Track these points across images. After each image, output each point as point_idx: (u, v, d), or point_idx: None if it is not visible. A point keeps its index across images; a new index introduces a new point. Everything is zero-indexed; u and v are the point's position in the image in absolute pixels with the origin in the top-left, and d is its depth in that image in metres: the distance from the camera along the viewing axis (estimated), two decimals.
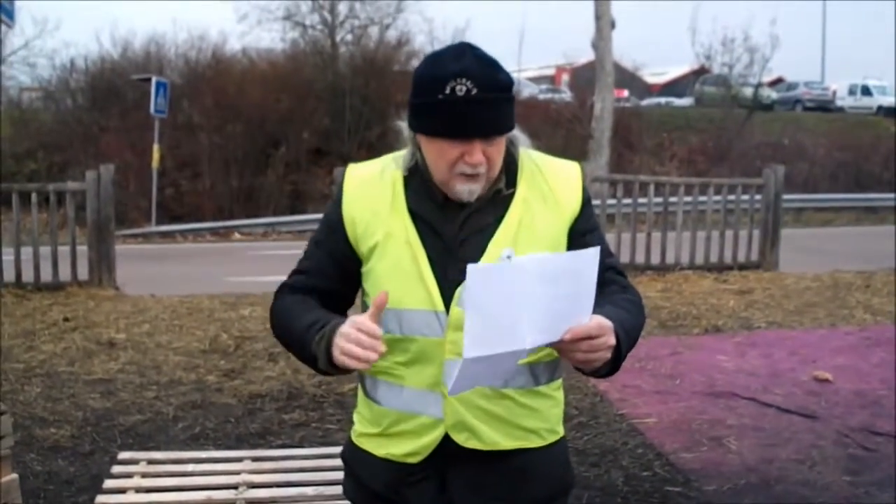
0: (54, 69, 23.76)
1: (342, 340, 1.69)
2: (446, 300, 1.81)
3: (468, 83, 1.73)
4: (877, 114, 30.69)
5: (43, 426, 5.01)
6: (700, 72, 32.19)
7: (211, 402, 5.53)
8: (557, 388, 1.97)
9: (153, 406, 5.43)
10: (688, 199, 10.67)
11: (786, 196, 11.85)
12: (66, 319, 7.69)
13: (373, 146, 20.35)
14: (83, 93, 22.81)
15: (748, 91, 27.01)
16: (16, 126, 20.58)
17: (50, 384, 5.84)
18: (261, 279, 9.55)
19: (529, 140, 1.93)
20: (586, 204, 1.92)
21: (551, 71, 40.34)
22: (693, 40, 36.52)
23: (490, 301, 1.54)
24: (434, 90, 1.74)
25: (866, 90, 33.07)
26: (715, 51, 27.69)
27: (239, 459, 3.82)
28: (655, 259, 10.29)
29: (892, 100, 31.51)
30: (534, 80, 34.38)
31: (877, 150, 24.29)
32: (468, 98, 1.72)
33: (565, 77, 36.70)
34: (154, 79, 18.55)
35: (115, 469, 3.64)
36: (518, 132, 1.89)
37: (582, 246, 1.86)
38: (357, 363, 1.67)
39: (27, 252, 8.98)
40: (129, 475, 3.55)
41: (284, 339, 1.93)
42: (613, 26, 17.40)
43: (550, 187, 1.89)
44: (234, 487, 3.47)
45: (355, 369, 1.72)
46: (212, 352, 6.71)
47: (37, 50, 25.00)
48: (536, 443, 1.91)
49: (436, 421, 1.85)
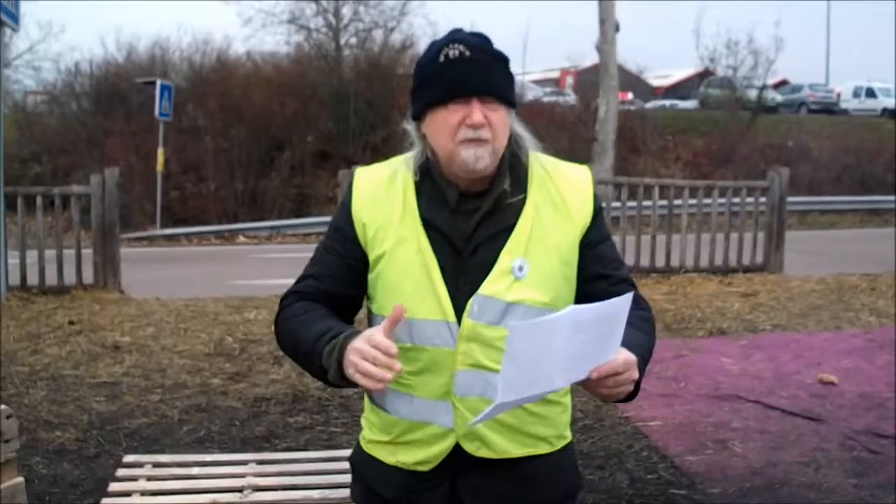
0: (59, 73, 23.93)
1: (356, 357, 1.65)
2: (458, 310, 1.80)
3: (461, 47, 1.78)
4: (881, 116, 30.65)
5: (48, 429, 5.01)
6: (704, 74, 32.17)
7: (216, 406, 5.53)
8: (566, 394, 1.96)
9: (158, 409, 5.44)
10: (692, 202, 10.67)
11: (790, 199, 11.86)
12: (71, 323, 7.70)
13: (377, 149, 20.37)
14: (88, 96, 22.89)
15: (752, 93, 26.98)
16: (21, 129, 20.63)
17: (55, 387, 5.85)
18: (265, 282, 9.56)
19: (537, 141, 1.91)
20: (598, 213, 1.90)
21: (556, 74, 40.32)
22: (697, 43, 36.63)
23: (529, 353, 1.55)
24: (430, 61, 1.80)
25: (871, 92, 33.03)
26: (719, 53, 27.75)
27: (244, 463, 3.82)
28: (660, 262, 10.28)
29: None
30: (538, 83, 34.39)
31: (881, 153, 24.25)
32: (461, 59, 1.77)
33: (569, 80, 36.69)
34: (158, 82, 18.59)
35: (120, 472, 3.64)
36: (526, 134, 1.88)
37: (595, 256, 1.88)
38: (372, 383, 1.64)
39: (32, 255, 9.00)
40: (134, 478, 3.55)
41: (291, 349, 1.88)
42: (617, 29, 17.36)
43: (561, 195, 1.87)
44: (239, 490, 3.47)
45: (369, 389, 1.69)
46: (217, 355, 6.72)
47: (42, 54, 25.30)
48: (546, 449, 1.91)
49: (446, 431, 1.84)
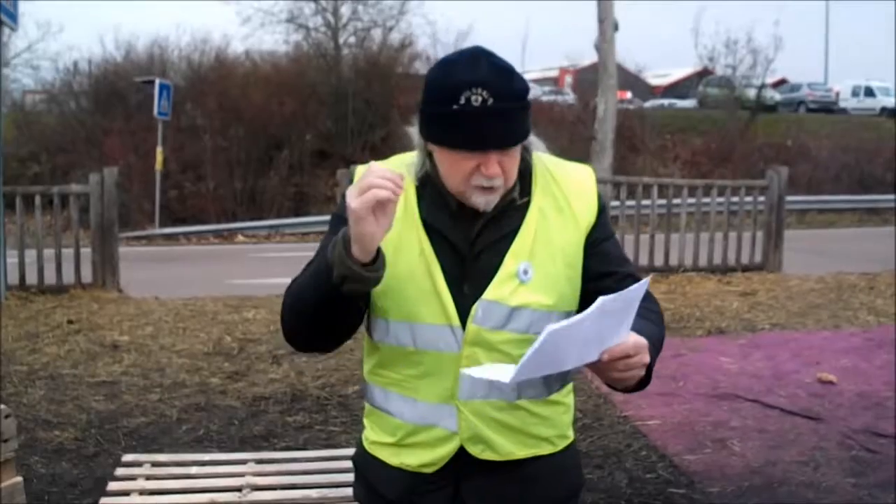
0: (58, 72, 23.90)
1: (362, 182, 1.57)
2: (462, 315, 1.78)
3: (484, 93, 1.66)
4: (880, 115, 30.67)
5: (47, 428, 5.01)
6: (703, 73, 32.16)
7: (214, 405, 5.53)
8: (568, 394, 1.96)
9: (157, 408, 5.44)
10: (691, 201, 10.67)
11: (789, 198, 11.85)
12: (70, 322, 7.70)
13: (376, 148, 20.37)
14: (87, 95, 22.88)
15: (751, 92, 26.96)
16: (19, 129, 20.61)
17: (54, 386, 5.84)
18: (264, 281, 9.56)
19: (542, 143, 1.88)
20: (602, 212, 1.87)
21: (554, 73, 40.32)
22: (696, 42, 36.67)
23: (553, 349, 1.54)
24: (448, 100, 1.68)
25: (870, 91, 33.05)
26: (718, 52, 27.71)
27: (243, 462, 3.82)
28: (659, 261, 10.29)
29: (895, 101, 31.50)
30: (537, 82, 34.36)
31: (880, 152, 24.26)
32: (484, 109, 1.66)
33: (568, 79, 36.68)
34: (157, 81, 18.58)
35: (119, 471, 3.64)
36: (533, 136, 1.84)
37: (600, 255, 1.86)
38: (380, 192, 1.55)
39: (31, 255, 9.00)
40: (133, 477, 3.56)
41: (299, 300, 1.77)
42: (616, 28, 17.36)
43: (566, 197, 1.85)
44: (238, 490, 3.47)
45: (380, 201, 1.57)
46: (215, 354, 6.72)
47: (40, 53, 25.22)
48: (548, 449, 1.91)
49: (450, 434, 1.83)
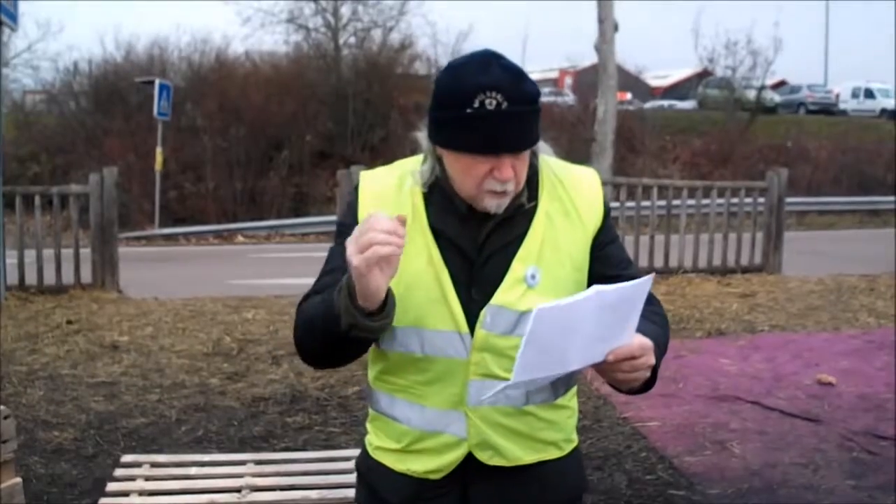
0: (58, 72, 23.89)
1: (360, 234, 1.55)
2: (470, 321, 1.77)
3: (498, 96, 1.66)
4: (880, 116, 30.69)
5: (46, 429, 5.01)
6: (703, 75, 32.19)
7: (214, 405, 5.53)
8: (572, 398, 1.95)
9: (156, 409, 5.43)
10: (691, 203, 10.67)
11: (789, 199, 11.85)
12: (70, 322, 7.69)
13: (376, 149, 20.39)
14: (86, 95, 22.87)
15: (751, 94, 26.99)
16: (19, 129, 20.61)
17: (53, 387, 5.84)
18: (264, 282, 9.57)
19: (549, 147, 1.87)
20: (607, 215, 1.88)
21: (554, 74, 40.37)
22: (696, 43, 36.61)
23: (550, 335, 1.53)
24: (462, 104, 1.67)
25: (869, 93, 33.07)
26: (718, 54, 27.73)
27: (242, 463, 3.82)
28: (658, 262, 10.28)
29: (895, 102, 31.49)
30: (537, 83, 34.37)
31: (880, 153, 24.27)
32: (499, 112, 1.66)
33: (568, 80, 36.72)
34: (157, 81, 18.57)
35: (118, 472, 3.64)
36: (542, 143, 1.84)
37: (604, 258, 1.86)
38: (382, 249, 1.53)
39: (30, 255, 8.99)
40: (132, 478, 3.55)
41: (310, 324, 1.76)
42: (616, 29, 17.39)
43: (572, 201, 1.84)
44: (237, 491, 3.47)
45: (382, 258, 1.55)
46: (215, 355, 6.71)
47: (40, 53, 25.23)
48: (555, 454, 1.90)
49: (458, 440, 1.83)
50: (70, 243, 9.19)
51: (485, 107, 1.66)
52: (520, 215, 1.80)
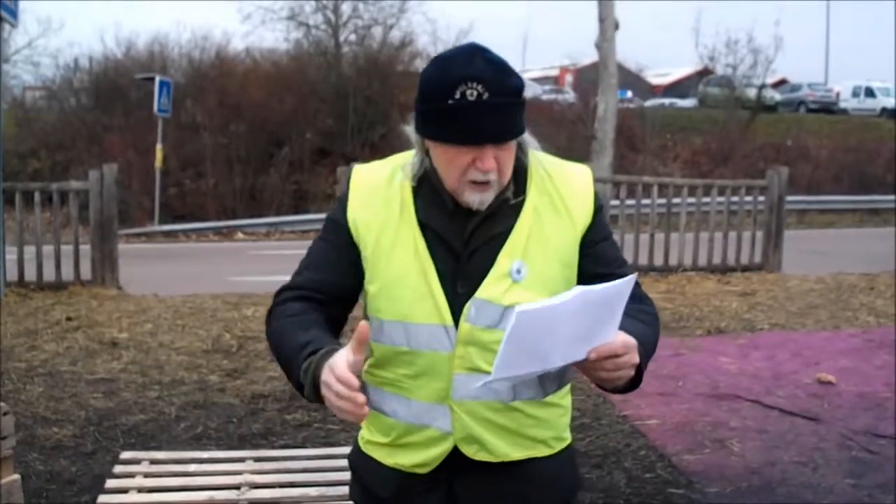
0: (58, 68, 23.92)
1: (325, 390, 1.63)
2: (455, 314, 1.78)
3: (479, 87, 1.67)
4: (880, 115, 30.69)
5: (45, 426, 5.01)
6: (703, 73, 32.18)
7: (213, 402, 5.53)
8: (565, 396, 1.94)
9: (155, 406, 5.43)
10: (691, 201, 10.66)
11: (789, 198, 11.85)
12: (69, 319, 7.69)
13: (376, 146, 20.37)
14: (87, 92, 22.88)
15: (752, 92, 26.98)
16: (19, 125, 20.61)
17: (52, 383, 5.84)
18: (264, 279, 9.54)
19: (538, 141, 1.88)
20: (598, 212, 1.87)
21: (555, 72, 40.32)
22: (697, 41, 36.64)
23: (531, 335, 1.53)
24: (444, 95, 1.69)
25: (870, 92, 33.05)
26: (718, 52, 27.77)
27: (241, 460, 3.82)
28: (658, 260, 10.28)
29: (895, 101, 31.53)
30: (537, 81, 34.36)
31: (880, 152, 24.27)
32: (480, 103, 1.68)
33: (569, 78, 36.68)
34: (157, 78, 18.58)
35: (118, 469, 3.64)
36: (527, 134, 1.84)
37: (595, 255, 1.86)
38: (345, 417, 1.62)
39: (30, 251, 8.99)
40: (132, 475, 3.55)
41: (275, 352, 1.86)
42: (617, 27, 17.36)
43: (561, 196, 1.84)
44: (237, 488, 3.47)
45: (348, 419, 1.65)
46: (214, 352, 6.71)
47: (41, 49, 25.20)
48: (544, 452, 1.90)
49: (444, 434, 1.83)
50: (70, 240, 9.19)
51: (466, 98, 1.67)
52: (507, 209, 1.80)
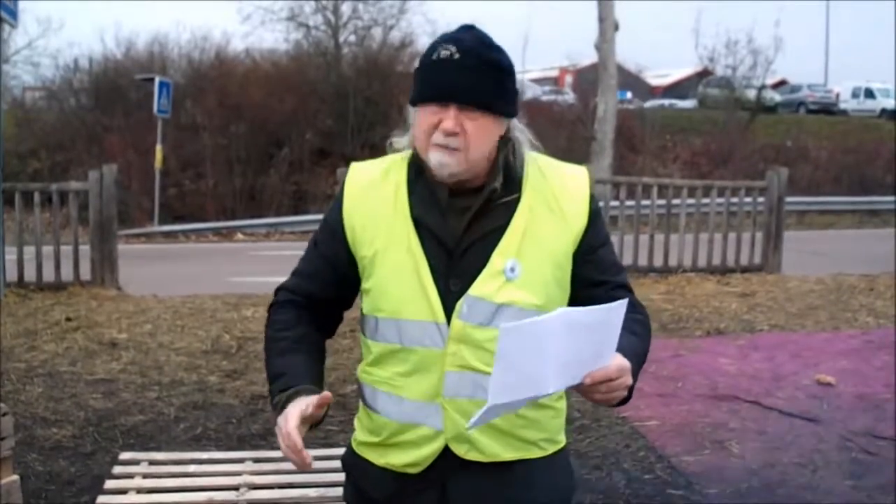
0: (58, 69, 23.89)
1: (278, 433, 1.82)
2: (447, 311, 1.78)
3: (452, 48, 1.75)
4: (880, 116, 30.68)
5: (44, 426, 5.01)
6: (703, 74, 32.17)
7: (213, 403, 5.53)
8: (559, 399, 1.93)
9: (155, 406, 5.43)
10: (690, 202, 10.66)
11: (789, 199, 11.84)
12: (69, 319, 7.69)
13: (376, 147, 20.31)
14: (86, 92, 22.86)
15: (751, 93, 26.98)
16: (19, 125, 20.60)
17: (52, 384, 5.84)
18: (263, 280, 9.52)
19: (535, 142, 1.88)
20: (594, 216, 1.87)
21: (555, 72, 40.28)
22: (696, 42, 36.62)
23: (519, 355, 1.53)
24: (425, 59, 1.79)
25: (870, 93, 33.05)
26: (718, 53, 27.75)
27: (240, 460, 3.81)
28: (658, 261, 10.28)
29: (895, 102, 31.48)
30: (537, 82, 34.36)
31: (880, 153, 24.27)
32: (449, 61, 1.74)
33: (569, 79, 36.66)
34: (157, 79, 18.58)
35: (117, 469, 3.63)
36: (524, 136, 1.86)
37: (594, 262, 1.86)
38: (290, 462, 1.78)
39: (30, 252, 8.98)
40: (131, 475, 3.55)
41: (265, 362, 1.99)
42: (617, 28, 17.36)
43: (556, 197, 1.84)
44: (236, 489, 3.46)
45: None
46: (214, 352, 6.71)
47: (40, 49, 25.19)
48: (537, 454, 1.89)
49: (436, 432, 1.83)
50: (69, 240, 9.19)
51: (439, 56, 1.75)
52: (500, 207, 1.81)
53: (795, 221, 18.60)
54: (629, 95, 28.38)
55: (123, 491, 3.42)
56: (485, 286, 1.78)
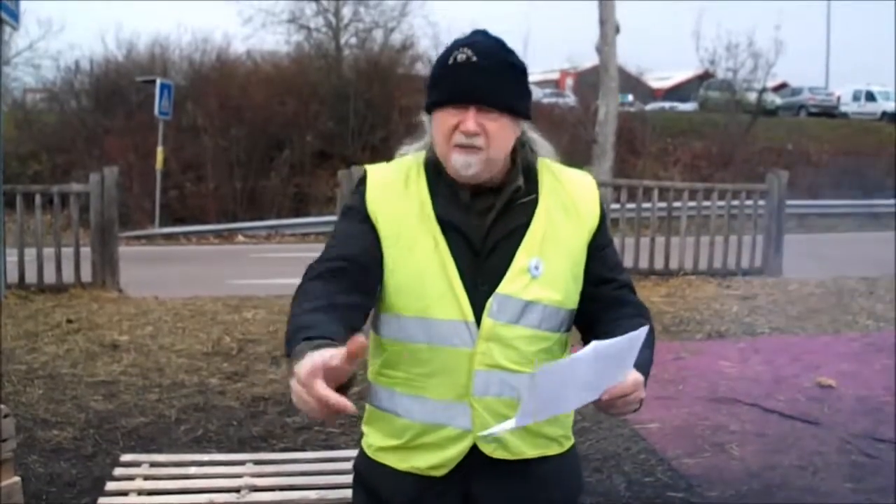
0: (59, 70, 23.88)
1: (293, 382, 1.46)
2: (476, 310, 1.79)
3: (468, 51, 1.78)
4: (881, 119, 30.62)
5: (45, 428, 5.01)
6: (704, 77, 32.15)
7: (213, 405, 5.53)
8: None
9: (155, 408, 5.43)
10: (691, 205, 10.67)
11: (789, 202, 11.84)
12: (69, 321, 7.69)
13: (376, 149, 20.35)
14: (87, 94, 22.88)
15: (752, 96, 26.93)
16: (20, 127, 20.60)
17: (52, 386, 5.84)
18: (264, 282, 9.56)
19: (551, 147, 1.94)
20: (603, 218, 1.93)
21: (555, 75, 40.25)
22: (697, 45, 36.49)
23: (550, 387, 1.59)
24: (442, 62, 1.81)
25: (870, 96, 33.01)
26: (719, 56, 27.66)
27: (241, 462, 3.82)
28: (659, 264, 10.28)
29: None
30: (538, 85, 34.35)
31: (881, 156, 24.24)
32: (468, 64, 1.77)
33: (569, 81, 36.66)
34: (158, 81, 18.60)
35: (118, 471, 3.64)
36: (540, 139, 1.91)
37: (602, 259, 1.91)
38: (307, 412, 1.46)
39: (31, 253, 8.99)
40: (132, 477, 3.55)
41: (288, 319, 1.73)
42: (618, 31, 17.36)
43: (572, 198, 1.89)
44: (237, 491, 3.47)
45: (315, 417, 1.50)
46: (214, 354, 6.71)
47: (41, 51, 25.09)
48: (556, 450, 1.93)
49: (462, 432, 1.83)
50: (70, 242, 9.19)
51: (456, 60, 1.78)
52: (520, 207, 1.85)
53: (796, 224, 18.56)
54: (631, 98, 28.39)
55: (124, 493, 3.42)
56: (512, 284, 1.80)
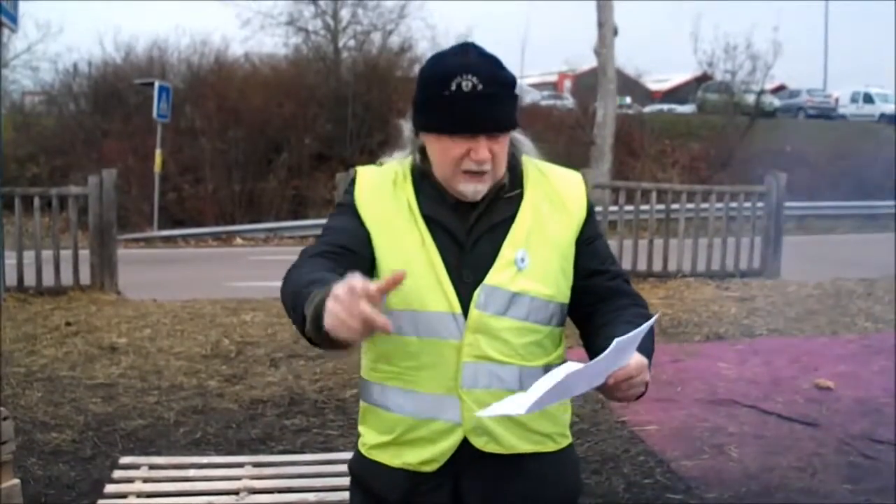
0: (57, 73, 23.89)
1: (332, 302, 1.42)
2: (463, 302, 1.81)
3: (474, 79, 1.75)
4: (879, 121, 30.65)
5: (44, 431, 5.01)
6: (702, 79, 32.17)
7: (212, 408, 5.53)
8: None
9: (154, 411, 5.43)
10: (690, 206, 10.67)
11: (787, 203, 11.83)
12: (68, 324, 7.69)
13: (375, 152, 20.32)
14: (86, 97, 22.88)
15: (750, 98, 26.97)
16: (18, 130, 20.60)
17: (51, 388, 5.84)
18: (263, 284, 9.53)
19: (534, 145, 1.94)
20: (591, 211, 1.94)
21: (554, 77, 40.30)
22: (695, 47, 36.52)
23: (567, 382, 1.61)
24: (440, 86, 1.77)
25: (868, 98, 33.04)
26: (717, 58, 27.67)
27: (240, 465, 3.83)
28: (657, 266, 10.28)
29: (895, 107, 31.48)
30: (536, 87, 34.40)
31: (879, 158, 24.25)
32: (474, 93, 1.75)
33: (568, 83, 36.70)
34: (157, 83, 18.61)
35: (117, 474, 3.64)
36: (523, 137, 1.92)
37: (591, 252, 1.92)
38: (343, 331, 1.41)
39: (29, 256, 8.99)
40: (131, 480, 3.56)
41: (286, 302, 1.72)
42: (616, 33, 17.42)
43: (557, 192, 1.91)
44: (236, 493, 3.47)
45: (345, 340, 1.44)
46: (213, 357, 6.71)
47: (40, 54, 25.11)
48: (550, 447, 1.93)
49: (453, 426, 1.84)
50: (69, 245, 9.19)
51: (461, 88, 1.75)
52: (504, 202, 1.86)
53: (794, 226, 18.57)
54: (629, 100, 28.40)
55: (123, 495, 3.43)
56: (499, 275, 1.82)
